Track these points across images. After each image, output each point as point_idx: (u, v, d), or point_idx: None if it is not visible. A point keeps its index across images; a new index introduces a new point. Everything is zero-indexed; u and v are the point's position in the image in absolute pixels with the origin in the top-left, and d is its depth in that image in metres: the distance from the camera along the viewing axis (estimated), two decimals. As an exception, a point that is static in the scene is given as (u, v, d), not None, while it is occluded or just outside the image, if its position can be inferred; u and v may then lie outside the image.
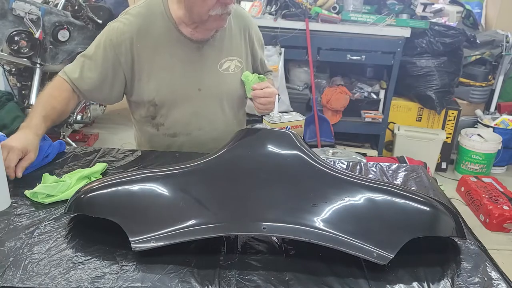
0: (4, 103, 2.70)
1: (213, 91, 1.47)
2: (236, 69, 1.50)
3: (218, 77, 1.47)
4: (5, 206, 1.06)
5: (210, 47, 1.45)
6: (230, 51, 1.49)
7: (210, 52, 1.45)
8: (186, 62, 1.42)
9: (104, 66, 1.38)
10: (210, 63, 1.46)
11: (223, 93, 1.49)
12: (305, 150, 1.07)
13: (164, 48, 1.40)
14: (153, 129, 1.51)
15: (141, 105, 1.48)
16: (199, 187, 0.99)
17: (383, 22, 3.12)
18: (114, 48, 1.37)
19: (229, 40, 1.49)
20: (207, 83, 1.45)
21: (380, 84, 3.43)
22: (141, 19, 1.38)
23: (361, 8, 3.25)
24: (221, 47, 1.47)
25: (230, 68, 1.48)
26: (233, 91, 1.51)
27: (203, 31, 1.40)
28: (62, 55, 2.84)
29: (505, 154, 3.50)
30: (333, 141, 3.34)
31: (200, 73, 1.44)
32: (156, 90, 1.42)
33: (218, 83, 1.47)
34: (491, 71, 3.68)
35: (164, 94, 1.43)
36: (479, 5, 4.24)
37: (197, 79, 1.44)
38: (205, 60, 1.45)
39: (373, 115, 3.35)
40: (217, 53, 1.47)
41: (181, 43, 1.41)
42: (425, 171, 1.43)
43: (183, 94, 1.44)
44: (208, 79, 1.45)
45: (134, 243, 0.89)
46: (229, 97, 1.52)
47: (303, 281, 0.85)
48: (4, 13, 2.59)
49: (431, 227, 0.97)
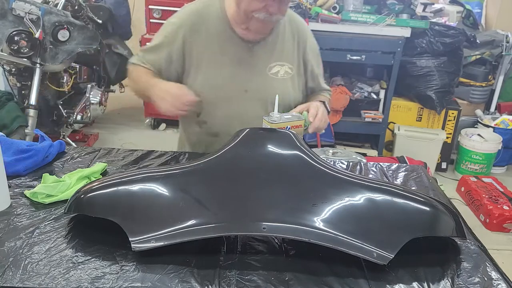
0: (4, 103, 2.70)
1: (259, 94, 1.44)
2: (285, 75, 1.48)
3: (266, 80, 1.45)
4: (5, 206, 1.06)
5: (261, 48, 1.44)
6: (281, 55, 1.47)
7: (261, 54, 1.44)
8: (235, 61, 1.42)
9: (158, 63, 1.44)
10: (260, 65, 1.45)
11: (269, 97, 1.44)
12: (305, 150, 1.07)
13: (216, 45, 1.41)
14: (197, 127, 1.50)
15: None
16: (199, 187, 0.99)
17: (383, 22, 3.12)
18: (168, 45, 1.42)
19: (281, 44, 1.47)
20: (254, 85, 1.44)
21: (380, 84, 3.43)
22: (195, 16, 1.41)
23: (361, 8, 3.25)
24: (273, 50, 1.46)
25: (279, 73, 1.46)
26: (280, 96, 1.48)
27: (254, 32, 1.40)
28: (62, 55, 2.84)
29: (505, 154, 3.49)
30: (333, 141, 3.34)
31: (248, 74, 1.44)
32: (202, 85, 1.42)
33: (265, 86, 1.45)
34: (491, 71, 3.68)
35: (209, 90, 1.42)
36: (479, 5, 4.24)
37: (244, 79, 1.43)
38: (255, 62, 1.44)
39: (373, 115, 3.35)
40: (268, 56, 1.45)
41: (233, 41, 1.41)
42: (425, 171, 1.43)
43: (229, 93, 1.43)
44: (256, 81, 1.44)
45: (134, 243, 0.89)
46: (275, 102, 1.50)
47: (303, 281, 0.85)
48: (4, 13, 2.59)
49: (431, 227, 0.97)
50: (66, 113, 3.16)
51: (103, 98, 3.55)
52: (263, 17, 1.31)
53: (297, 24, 1.52)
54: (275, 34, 1.45)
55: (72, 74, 3.25)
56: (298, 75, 1.52)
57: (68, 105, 3.24)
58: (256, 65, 1.44)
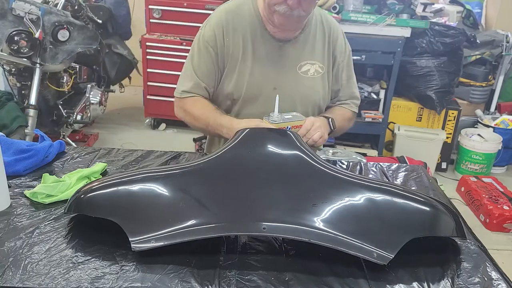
0: (4, 103, 2.70)
1: (288, 91, 1.45)
2: (316, 73, 1.48)
3: (296, 78, 1.46)
4: (5, 206, 1.06)
5: (292, 46, 1.46)
6: (312, 54, 1.48)
7: (291, 52, 1.46)
8: (266, 59, 1.45)
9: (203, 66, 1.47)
10: (290, 63, 1.46)
11: (297, 95, 1.47)
12: (305, 150, 1.07)
13: (249, 43, 1.44)
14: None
15: (220, 98, 1.51)
16: (199, 187, 0.99)
17: (383, 22, 3.12)
18: (207, 47, 1.45)
19: (312, 43, 1.48)
20: (283, 82, 1.45)
21: (380, 84, 3.42)
22: (230, 15, 1.44)
23: (361, 8, 3.24)
24: (303, 49, 1.47)
25: (309, 72, 1.47)
26: (309, 95, 1.49)
27: (281, 29, 1.41)
28: (62, 55, 2.84)
29: (505, 154, 3.49)
30: (333, 141, 3.34)
31: (278, 71, 1.45)
32: (235, 84, 1.45)
33: (295, 84, 1.46)
34: (491, 71, 3.68)
35: (241, 88, 1.45)
36: (479, 5, 4.24)
37: (274, 77, 1.45)
38: (285, 59, 1.46)
39: (373, 115, 3.35)
40: (298, 54, 1.47)
41: (265, 39, 1.44)
42: (425, 171, 1.43)
43: (258, 90, 1.45)
44: (285, 79, 1.46)
45: (134, 243, 0.89)
46: (304, 100, 1.49)
47: (303, 281, 0.85)
48: (4, 13, 2.59)
49: (431, 227, 0.97)
50: (66, 113, 3.16)
51: (103, 98, 3.55)
52: (283, 11, 1.32)
53: (329, 23, 1.53)
54: (307, 33, 1.46)
55: (72, 74, 3.25)
56: (329, 76, 1.53)
57: (68, 105, 3.23)
58: (285, 63, 1.46)
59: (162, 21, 3.75)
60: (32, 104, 2.71)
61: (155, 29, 3.80)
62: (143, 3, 3.79)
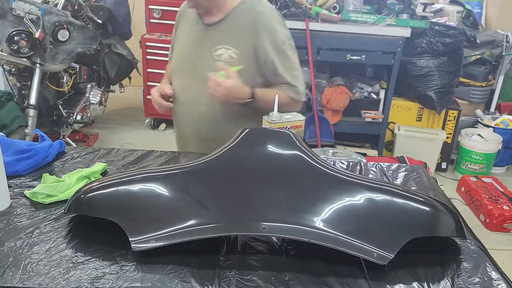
0: (4, 103, 2.70)
1: (205, 71, 1.53)
2: (229, 58, 1.55)
3: (210, 60, 1.56)
4: (5, 206, 1.06)
5: (214, 31, 1.59)
6: (229, 40, 1.56)
7: (212, 36, 1.59)
8: (192, 40, 1.64)
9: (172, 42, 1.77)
10: (208, 45, 1.59)
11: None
12: (305, 150, 1.07)
13: (186, 26, 1.67)
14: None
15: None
16: (199, 187, 0.99)
17: (383, 22, 3.12)
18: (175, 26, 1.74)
19: (234, 30, 1.57)
20: (201, 63, 1.60)
21: (380, 84, 3.42)
22: (184, 4, 1.68)
23: (361, 8, 3.25)
24: (223, 34, 1.58)
25: (222, 56, 1.56)
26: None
27: (207, 14, 1.58)
28: (62, 55, 2.84)
29: (505, 154, 3.49)
30: (333, 141, 3.34)
31: (197, 52, 1.62)
32: (175, 59, 1.71)
33: (210, 66, 1.53)
34: (491, 71, 3.68)
35: (175, 63, 1.70)
36: (479, 5, 4.24)
37: (194, 56, 1.62)
38: (206, 42, 1.60)
39: (373, 115, 3.35)
40: (217, 39, 1.58)
41: (196, 22, 1.63)
42: (425, 171, 1.43)
43: (183, 66, 1.66)
44: (202, 59, 1.59)
45: (134, 243, 0.89)
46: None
47: (303, 281, 0.85)
48: (4, 13, 2.59)
49: (431, 227, 0.97)
50: (66, 113, 3.16)
51: (103, 98, 3.55)
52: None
53: (258, 15, 1.56)
54: (231, 20, 1.57)
55: (72, 74, 3.26)
56: (247, 64, 1.55)
57: (68, 105, 3.24)
58: (206, 45, 1.59)
59: (162, 21, 3.75)
60: (32, 104, 2.71)
61: (155, 29, 3.81)
62: (143, 3, 3.79)
